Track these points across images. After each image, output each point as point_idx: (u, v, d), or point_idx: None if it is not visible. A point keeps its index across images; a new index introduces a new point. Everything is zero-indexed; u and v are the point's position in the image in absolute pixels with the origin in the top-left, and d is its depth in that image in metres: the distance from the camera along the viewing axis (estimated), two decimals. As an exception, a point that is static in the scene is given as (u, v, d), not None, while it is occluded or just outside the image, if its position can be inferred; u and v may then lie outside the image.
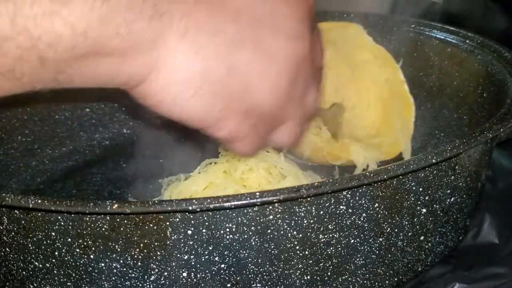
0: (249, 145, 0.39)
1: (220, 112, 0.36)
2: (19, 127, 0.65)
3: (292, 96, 0.38)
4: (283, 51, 0.37)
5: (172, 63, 0.34)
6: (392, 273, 0.45)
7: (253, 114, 0.37)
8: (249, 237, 0.39)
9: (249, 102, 0.37)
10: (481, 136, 0.44)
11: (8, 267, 0.44)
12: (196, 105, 0.35)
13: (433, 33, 0.66)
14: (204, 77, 0.34)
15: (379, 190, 0.41)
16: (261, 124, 0.39)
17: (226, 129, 0.37)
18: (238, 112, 0.37)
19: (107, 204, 0.36)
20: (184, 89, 0.35)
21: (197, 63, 0.34)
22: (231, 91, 0.36)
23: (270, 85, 0.37)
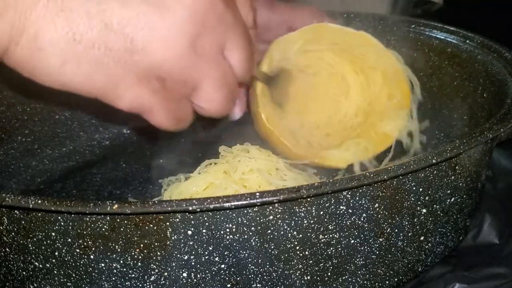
0: (162, 115, 0.35)
1: (106, 78, 0.32)
2: (19, 127, 0.65)
3: (201, 52, 0.34)
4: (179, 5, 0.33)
5: (33, 27, 0.30)
6: (392, 274, 0.45)
7: (151, 77, 0.33)
8: (249, 237, 0.39)
9: (141, 63, 0.32)
10: (481, 136, 0.44)
11: (8, 267, 0.44)
12: (72, 72, 0.32)
13: (433, 33, 0.66)
14: (73, 37, 0.31)
15: (379, 191, 0.41)
16: (168, 89, 0.34)
17: (125, 98, 0.34)
18: (130, 76, 0.33)
19: (107, 205, 0.36)
20: (54, 53, 0.31)
21: (63, 22, 0.31)
22: (112, 51, 0.32)
23: (164, 41, 0.32)
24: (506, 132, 0.46)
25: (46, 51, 0.31)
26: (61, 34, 0.31)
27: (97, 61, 0.32)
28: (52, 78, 0.32)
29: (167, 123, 0.36)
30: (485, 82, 0.59)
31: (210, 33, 0.34)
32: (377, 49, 0.59)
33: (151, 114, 0.35)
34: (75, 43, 0.31)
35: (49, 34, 0.31)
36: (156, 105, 0.35)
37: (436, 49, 0.66)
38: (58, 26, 0.31)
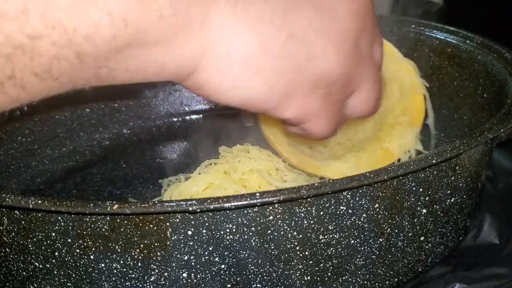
0: (324, 122, 0.35)
1: (285, 88, 0.32)
2: (19, 127, 0.65)
3: (361, 55, 0.34)
4: (344, 6, 0.33)
5: (226, 42, 0.30)
6: (392, 274, 0.45)
7: (321, 83, 0.33)
8: (249, 237, 0.39)
9: (315, 70, 0.33)
10: (481, 137, 0.44)
11: (8, 268, 0.44)
12: (258, 84, 0.32)
13: (433, 33, 0.66)
14: (263, 50, 0.31)
15: (379, 191, 0.41)
16: (333, 94, 0.34)
17: (294, 107, 0.33)
18: (304, 84, 0.33)
19: (107, 205, 0.36)
20: (244, 68, 0.31)
21: (253, 36, 0.31)
22: (294, 61, 0.32)
23: (335, 46, 0.33)
24: (506, 132, 0.46)
25: (237, 65, 0.31)
26: (253, 47, 0.31)
27: (280, 72, 0.32)
28: (236, 93, 0.32)
29: (326, 129, 0.36)
30: (485, 82, 0.59)
31: (367, 35, 0.35)
32: (395, 59, 0.58)
33: (313, 121, 0.35)
34: (264, 55, 0.31)
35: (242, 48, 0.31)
36: (320, 111, 0.35)
37: (436, 49, 0.66)
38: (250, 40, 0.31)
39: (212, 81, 0.31)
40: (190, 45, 0.30)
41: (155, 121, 0.73)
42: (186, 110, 0.74)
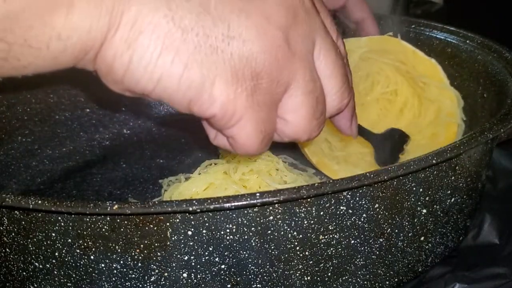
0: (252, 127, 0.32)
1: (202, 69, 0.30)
2: (19, 128, 0.65)
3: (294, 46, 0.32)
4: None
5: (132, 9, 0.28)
6: (392, 274, 0.45)
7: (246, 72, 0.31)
8: (249, 237, 0.39)
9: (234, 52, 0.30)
10: (481, 137, 0.44)
11: (9, 268, 0.44)
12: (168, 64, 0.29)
13: (433, 33, 0.67)
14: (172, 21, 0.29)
15: (380, 191, 0.41)
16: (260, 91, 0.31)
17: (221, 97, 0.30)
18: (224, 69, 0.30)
19: (107, 205, 0.36)
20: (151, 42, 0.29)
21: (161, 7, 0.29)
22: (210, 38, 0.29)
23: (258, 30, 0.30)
24: (506, 132, 0.46)
25: (145, 36, 0.29)
26: (160, 17, 0.29)
27: (194, 49, 0.29)
28: (147, 73, 0.29)
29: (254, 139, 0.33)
30: (485, 82, 0.59)
31: (301, 27, 0.32)
32: (441, 84, 0.57)
33: (241, 124, 0.32)
34: (174, 28, 0.29)
35: (149, 17, 0.28)
36: (247, 113, 0.32)
37: (436, 49, 0.66)
38: (158, 8, 0.29)
39: (120, 58, 0.29)
40: (91, 13, 0.28)
41: (155, 121, 0.74)
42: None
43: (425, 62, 0.56)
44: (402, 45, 0.56)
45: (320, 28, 0.33)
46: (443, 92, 0.58)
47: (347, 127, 0.40)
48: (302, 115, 0.33)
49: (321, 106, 0.34)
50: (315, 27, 0.33)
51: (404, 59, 0.57)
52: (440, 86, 0.58)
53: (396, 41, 0.56)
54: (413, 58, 0.56)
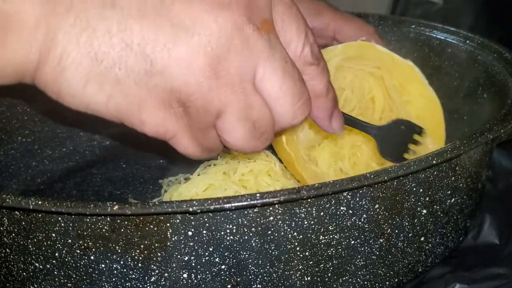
0: (187, 142, 0.34)
1: (128, 101, 0.31)
2: (19, 128, 0.65)
3: (224, 78, 0.32)
4: (198, 23, 0.31)
5: (58, 46, 0.30)
6: (392, 274, 0.45)
7: (172, 101, 0.32)
8: (249, 238, 0.39)
9: (160, 85, 0.31)
10: (481, 137, 0.44)
11: (9, 268, 0.44)
12: (95, 94, 0.31)
13: (433, 33, 0.66)
14: (94, 56, 0.30)
15: (380, 191, 0.41)
16: (190, 116, 0.33)
17: (149, 123, 0.32)
18: (151, 99, 0.32)
19: (108, 205, 0.36)
20: (75, 76, 0.31)
21: (84, 42, 0.30)
22: (132, 73, 0.31)
23: (182, 64, 0.31)
24: (506, 132, 0.46)
25: (70, 71, 0.31)
26: (83, 53, 0.30)
27: (118, 82, 0.31)
28: (76, 100, 0.32)
29: (193, 150, 0.35)
30: (485, 82, 0.59)
31: (234, 59, 0.32)
32: (420, 87, 0.56)
33: (176, 140, 0.34)
34: (97, 63, 0.31)
35: (73, 54, 0.30)
36: (180, 132, 0.33)
37: (436, 49, 0.66)
38: (81, 46, 0.30)
39: (51, 84, 0.31)
40: (21, 49, 0.30)
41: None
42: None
43: (401, 65, 0.56)
44: (378, 50, 0.55)
45: (263, 52, 0.33)
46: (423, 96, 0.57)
47: (326, 126, 0.40)
48: (237, 137, 0.34)
49: (262, 128, 0.35)
50: (255, 53, 0.33)
51: (380, 64, 0.56)
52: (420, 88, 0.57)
53: (371, 46, 0.55)
54: (390, 63, 0.56)
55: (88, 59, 0.30)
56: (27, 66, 0.31)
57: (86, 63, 0.30)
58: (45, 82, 0.31)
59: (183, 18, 0.31)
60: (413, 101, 0.57)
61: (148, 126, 0.33)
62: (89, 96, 0.31)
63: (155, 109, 0.32)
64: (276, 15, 0.34)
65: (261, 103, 0.34)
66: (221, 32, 0.32)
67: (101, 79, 0.31)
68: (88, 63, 0.30)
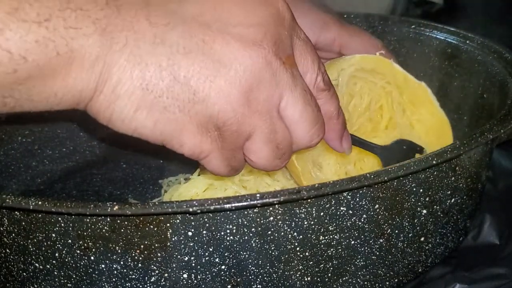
0: (217, 162, 0.38)
1: (172, 126, 0.36)
2: (19, 128, 0.65)
3: (254, 106, 0.37)
4: (236, 59, 0.36)
5: (113, 78, 0.34)
6: (392, 274, 0.45)
7: (210, 126, 0.36)
8: (249, 238, 0.39)
9: (201, 112, 0.36)
10: (481, 137, 0.44)
11: (9, 268, 0.44)
12: (143, 119, 0.35)
13: (433, 33, 0.66)
14: (146, 88, 0.34)
15: (380, 192, 0.41)
16: (224, 139, 0.37)
17: (187, 144, 0.37)
18: (192, 125, 0.36)
19: (108, 206, 0.36)
20: (127, 103, 0.35)
21: (137, 75, 0.34)
22: (178, 101, 0.35)
23: (220, 93, 0.36)
24: (506, 133, 0.46)
25: (123, 99, 0.34)
26: (136, 85, 0.34)
27: (164, 109, 0.35)
28: (125, 124, 0.36)
29: (222, 169, 0.39)
30: (485, 82, 0.59)
31: (264, 89, 0.37)
32: (431, 107, 0.57)
33: (208, 160, 0.38)
34: (147, 92, 0.34)
35: (127, 85, 0.34)
36: (213, 153, 0.37)
37: (436, 49, 0.66)
38: (134, 78, 0.34)
39: (103, 111, 0.35)
40: (83, 77, 0.33)
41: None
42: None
43: (414, 85, 0.56)
44: (393, 67, 0.56)
45: (288, 83, 0.38)
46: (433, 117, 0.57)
47: (337, 146, 0.44)
48: (263, 157, 0.39)
49: (283, 149, 0.40)
50: (281, 85, 0.38)
51: (392, 81, 0.56)
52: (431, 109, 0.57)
53: (387, 62, 0.56)
54: (402, 81, 0.56)
55: (140, 90, 0.34)
56: (85, 94, 0.34)
57: (137, 92, 0.34)
58: (98, 109, 0.35)
59: (223, 55, 0.35)
60: (423, 119, 0.57)
61: (186, 148, 0.37)
62: (138, 121, 0.35)
63: (194, 133, 0.36)
64: (295, 50, 0.39)
65: (284, 127, 0.39)
66: (254, 66, 0.36)
67: (150, 107, 0.35)
68: (140, 93, 0.35)
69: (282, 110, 0.38)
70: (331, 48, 0.61)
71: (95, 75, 0.34)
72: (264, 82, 0.37)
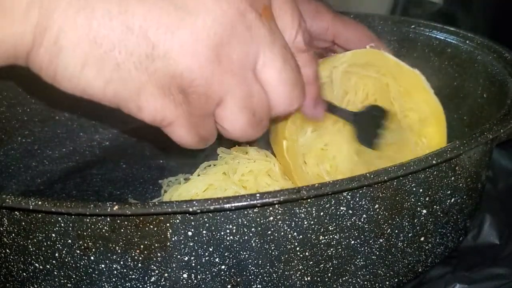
0: (184, 131, 0.33)
1: (127, 86, 0.31)
2: (19, 128, 0.65)
3: (226, 64, 0.31)
4: (202, 6, 0.30)
5: (55, 26, 0.29)
6: (392, 274, 0.45)
7: (173, 87, 0.31)
8: (249, 238, 0.39)
9: (161, 71, 0.30)
10: (481, 137, 0.44)
11: (9, 269, 0.44)
12: (92, 77, 0.30)
13: (433, 33, 0.66)
14: (93, 39, 0.29)
15: (379, 191, 0.41)
16: (190, 103, 0.32)
17: (147, 109, 0.32)
18: (151, 85, 0.31)
19: (108, 206, 0.36)
20: (73, 57, 0.30)
21: (83, 23, 0.29)
22: (132, 56, 0.30)
23: (185, 49, 0.30)
24: (506, 132, 0.46)
25: (67, 52, 0.30)
26: (81, 35, 0.29)
27: (117, 66, 0.30)
28: (73, 83, 0.31)
29: (189, 139, 0.34)
30: (485, 82, 0.59)
31: (237, 45, 0.32)
32: (425, 94, 0.56)
33: (173, 128, 0.33)
34: (95, 45, 0.30)
35: (70, 34, 0.29)
36: (178, 119, 0.33)
37: (436, 49, 0.66)
38: (79, 26, 0.29)
39: (46, 69, 0.30)
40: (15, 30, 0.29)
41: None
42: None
43: (408, 73, 0.56)
44: (385, 57, 0.56)
45: (265, 40, 0.33)
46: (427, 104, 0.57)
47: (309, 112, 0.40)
48: (237, 125, 0.34)
49: (260, 115, 0.34)
50: (257, 40, 0.32)
51: (386, 71, 0.56)
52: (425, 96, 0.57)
53: (378, 53, 0.55)
54: (396, 70, 0.56)
55: (86, 41, 0.29)
56: (22, 48, 0.30)
57: (84, 45, 0.29)
58: (40, 64, 0.30)
59: (187, 1, 0.30)
60: (417, 108, 0.57)
61: (145, 112, 0.32)
62: (86, 80, 0.30)
63: (154, 95, 0.31)
64: (273, 1, 0.34)
65: (260, 90, 0.34)
66: (225, 17, 0.31)
67: (100, 63, 0.30)
68: (86, 46, 0.29)
69: (259, 70, 0.33)
70: (324, 37, 0.59)
71: (30, 24, 0.29)
72: (237, 36, 0.31)
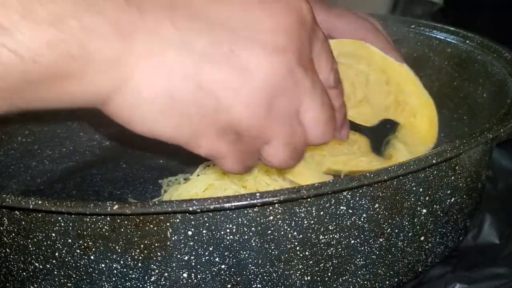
0: (233, 163, 0.38)
1: (192, 130, 0.35)
2: (19, 128, 0.65)
3: (275, 113, 0.37)
4: (260, 67, 0.35)
5: (136, 82, 0.33)
6: (392, 274, 0.45)
7: (229, 131, 0.36)
8: (249, 237, 0.39)
9: (223, 119, 0.36)
10: (481, 137, 0.44)
11: (9, 268, 0.44)
12: (164, 123, 0.35)
13: (433, 33, 0.66)
14: (170, 95, 0.34)
15: (380, 191, 0.41)
16: (242, 142, 0.37)
17: (204, 147, 0.37)
18: (212, 129, 0.36)
19: (108, 205, 0.36)
20: (150, 108, 0.34)
21: (162, 81, 0.33)
22: (201, 109, 0.35)
23: (245, 102, 0.35)
24: (506, 132, 0.46)
25: (144, 105, 0.34)
26: (159, 92, 0.34)
27: (187, 116, 0.35)
28: (145, 128, 0.35)
29: (236, 169, 0.39)
30: (485, 82, 0.59)
31: (286, 97, 0.37)
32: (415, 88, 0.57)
33: (224, 161, 0.38)
34: (171, 100, 0.34)
35: (150, 91, 0.33)
36: (230, 154, 0.37)
37: (436, 49, 0.66)
38: (158, 85, 0.33)
39: (123, 113, 0.34)
40: (100, 80, 0.32)
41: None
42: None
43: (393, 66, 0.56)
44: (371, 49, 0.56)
45: (308, 90, 0.38)
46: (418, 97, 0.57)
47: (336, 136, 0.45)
48: (279, 159, 0.39)
49: (300, 149, 0.40)
50: (302, 91, 0.37)
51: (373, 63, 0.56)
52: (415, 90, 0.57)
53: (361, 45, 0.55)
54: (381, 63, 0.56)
55: (163, 97, 0.34)
56: (102, 97, 0.33)
57: (161, 99, 0.34)
58: (115, 110, 0.34)
59: (248, 64, 0.35)
60: (408, 101, 0.58)
61: (203, 149, 0.37)
62: (158, 126, 0.35)
63: (213, 136, 0.36)
64: (313, 51, 0.39)
65: (302, 130, 0.39)
66: (277, 74, 0.36)
67: (173, 113, 0.34)
68: (163, 100, 0.34)
69: (301, 114, 0.39)
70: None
71: (114, 78, 0.33)
72: (285, 90, 0.37)
